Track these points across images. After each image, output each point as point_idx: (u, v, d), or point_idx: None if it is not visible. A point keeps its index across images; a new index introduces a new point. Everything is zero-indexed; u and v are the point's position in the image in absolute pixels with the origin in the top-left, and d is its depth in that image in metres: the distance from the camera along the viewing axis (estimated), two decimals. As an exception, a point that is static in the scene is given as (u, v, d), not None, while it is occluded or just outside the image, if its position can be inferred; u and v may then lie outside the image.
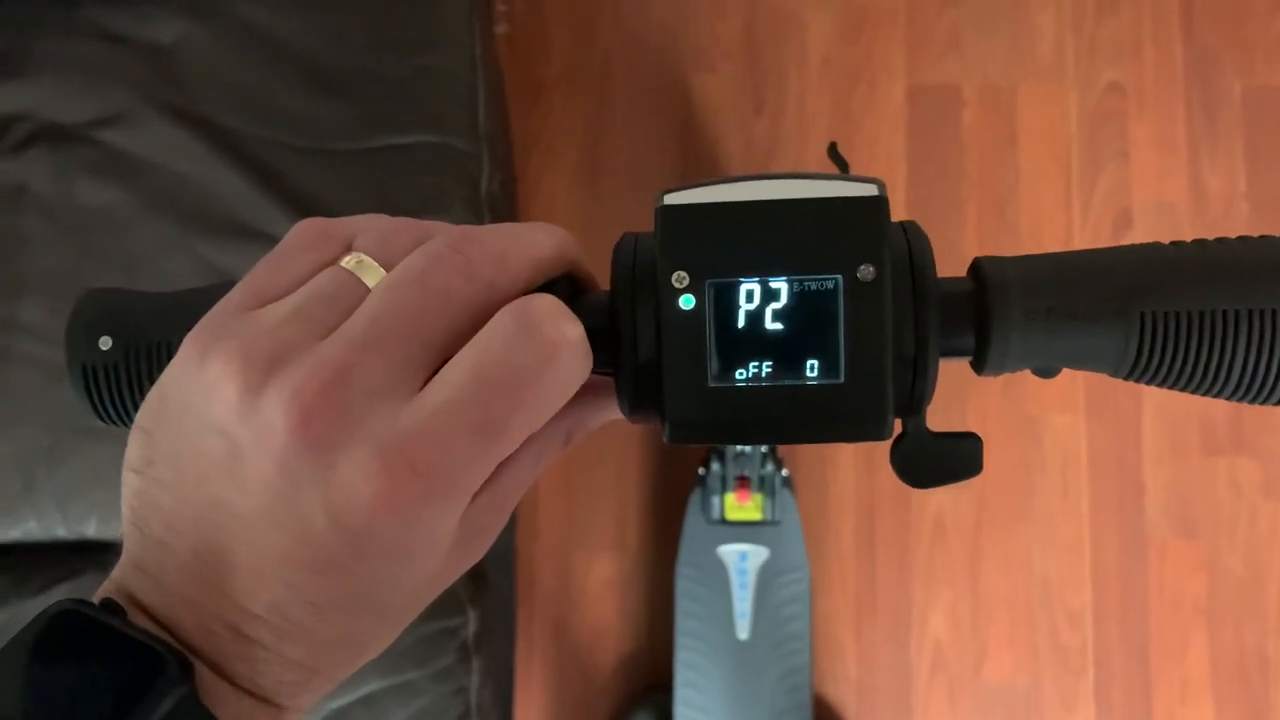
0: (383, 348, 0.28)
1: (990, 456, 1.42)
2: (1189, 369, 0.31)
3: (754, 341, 0.31)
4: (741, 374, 0.31)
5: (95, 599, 0.29)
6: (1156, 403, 1.42)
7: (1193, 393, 0.32)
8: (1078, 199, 1.46)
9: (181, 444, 0.29)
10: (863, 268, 0.30)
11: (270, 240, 0.95)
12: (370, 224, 0.32)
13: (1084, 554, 1.41)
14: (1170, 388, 0.32)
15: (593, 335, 0.32)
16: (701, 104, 1.50)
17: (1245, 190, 1.45)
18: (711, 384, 0.31)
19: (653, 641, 1.40)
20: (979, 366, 0.33)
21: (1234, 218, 1.45)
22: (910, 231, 0.32)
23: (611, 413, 0.38)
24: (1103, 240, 1.45)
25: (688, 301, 0.31)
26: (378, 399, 0.28)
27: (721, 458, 1.24)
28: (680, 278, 0.31)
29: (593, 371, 0.34)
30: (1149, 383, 0.33)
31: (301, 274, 0.31)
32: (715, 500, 1.24)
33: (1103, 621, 1.40)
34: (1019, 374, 0.33)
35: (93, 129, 0.98)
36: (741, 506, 1.24)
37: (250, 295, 0.30)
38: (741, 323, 0.31)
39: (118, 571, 0.30)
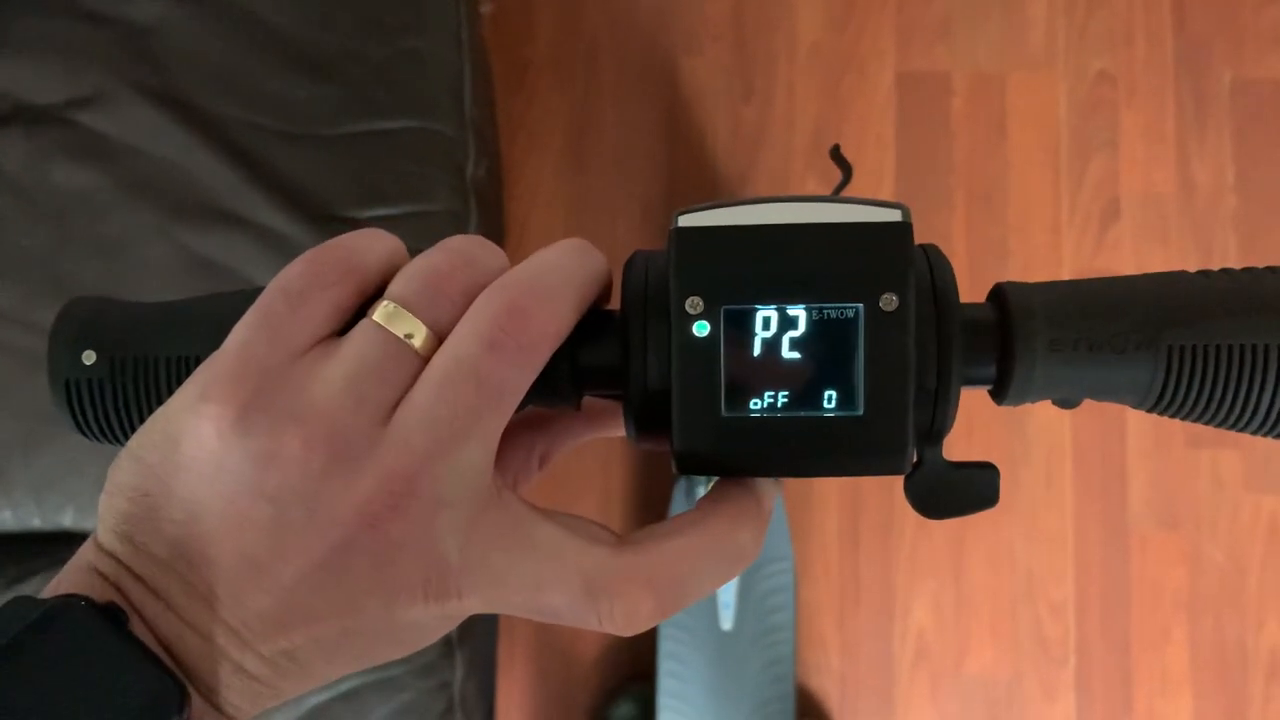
0: (443, 454, 0.28)
1: (975, 448, 1.42)
2: (1216, 404, 0.30)
3: (770, 371, 0.30)
4: (756, 404, 0.30)
5: (86, 592, 0.28)
6: (1141, 395, 1.42)
7: (1218, 427, 0.31)
8: (1066, 189, 1.46)
9: (206, 495, 0.28)
10: (885, 296, 0.29)
11: (251, 227, 0.94)
12: (412, 264, 0.31)
13: (1067, 545, 1.41)
14: (1195, 421, 0.31)
15: (601, 359, 0.31)
16: (689, 88, 1.48)
17: (1233, 182, 1.44)
18: (724, 414, 0.30)
19: (635, 631, 1.39)
20: (1000, 397, 0.32)
21: (1222, 210, 1.44)
22: (932, 256, 0.31)
23: (586, 435, 0.38)
24: (1090, 230, 1.45)
25: (701, 328, 0.29)
26: (443, 507, 0.28)
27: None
28: (694, 303, 0.29)
29: (596, 394, 0.33)
30: (1173, 415, 0.31)
31: (325, 315, 0.30)
32: (700, 490, 1.24)
33: (1084, 613, 1.40)
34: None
35: (69, 110, 0.95)
36: (727, 498, 1.23)
37: (270, 337, 0.29)
38: (757, 351, 0.29)
39: (106, 567, 0.29)
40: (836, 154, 0.40)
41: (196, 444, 0.28)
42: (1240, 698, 1.39)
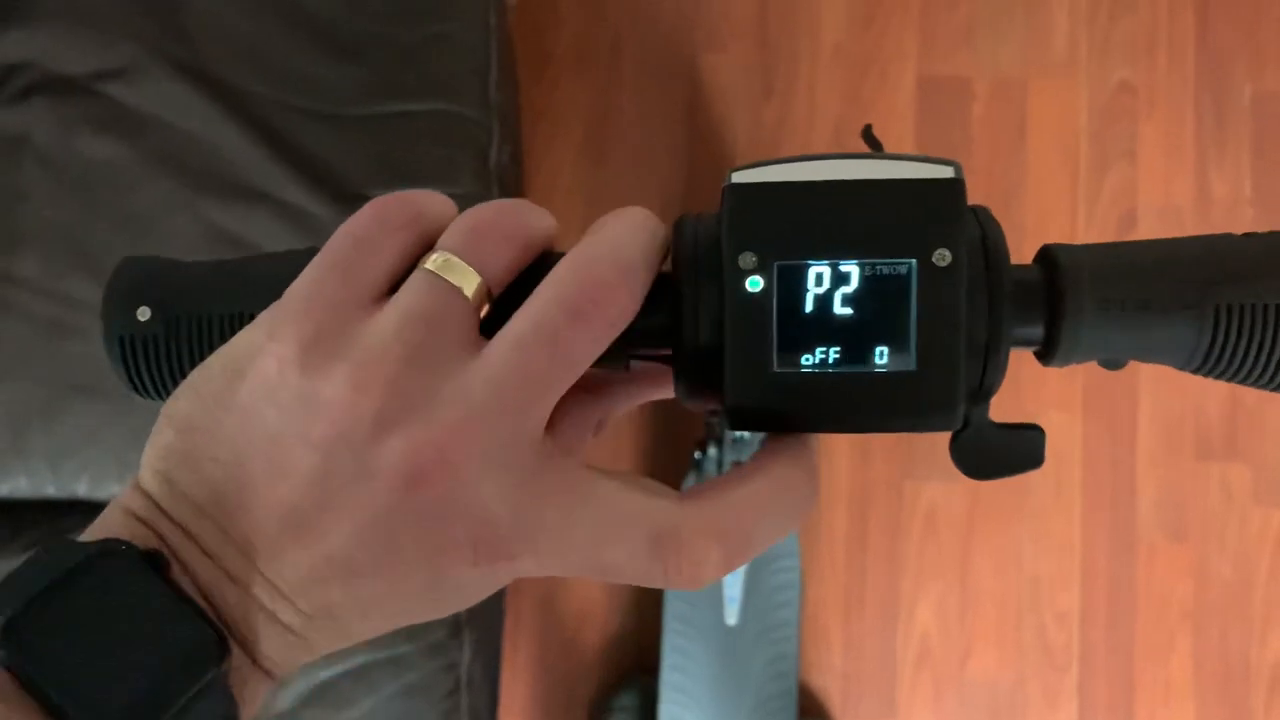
0: (502, 416, 0.28)
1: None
2: (1262, 363, 0.30)
3: (822, 326, 0.30)
4: (807, 360, 0.30)
5: (126, 536, 0.27)
6: (1152, 405, 1.42)
7: (1263, 388, 0.31)
8: (1084, 197, 1.46)
9: (253, 434, 0.28)
10: (938, 252, 0.29)
11: (275, 203, 0.94)
12: (460, 217, 0.31)
13: (1074, 553, 1.41)
14: (1239, 382, 0.32)
15: (652, 318, 0.31)
16: (710, 84, 1.49)
17: (1251, 196, 1.45)
18: (776, 369, 0.30)
19: (639, 623, 1.40)
20: (1047, 357, 0.32)
21: (1239, 222, 1.44)
22: (982, 216, 0.31)
23: (640, 397, 0.38)
24: (1107, 239, 1.44)
25: (754, 284, 0.29)
26: (495, 467, 0.28)
27: (719, 443, 1.23)
28: (747, 259, 0.29)
29: (643, 355, 0.33)
30: (1219, 376, 0.32)
31: (392, 260, 0.30)
32: (710, 484, 1.24)
33: (1089, 621, 1.40)
34: (1016, 368, 0.32)
35: (97, 81, 0.96)
36: (737, 492, 1.23)
37: (340, 278, 0.29)
38: (809, 306, 0.29)
39: (144, 511, 0.28)
40: (868, 134, 0.41)
41: (257, 378, 0.28)
42: (1242, 711, 1.39)
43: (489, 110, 1.02)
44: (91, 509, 0.97)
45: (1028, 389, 1.41)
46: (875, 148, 0.40)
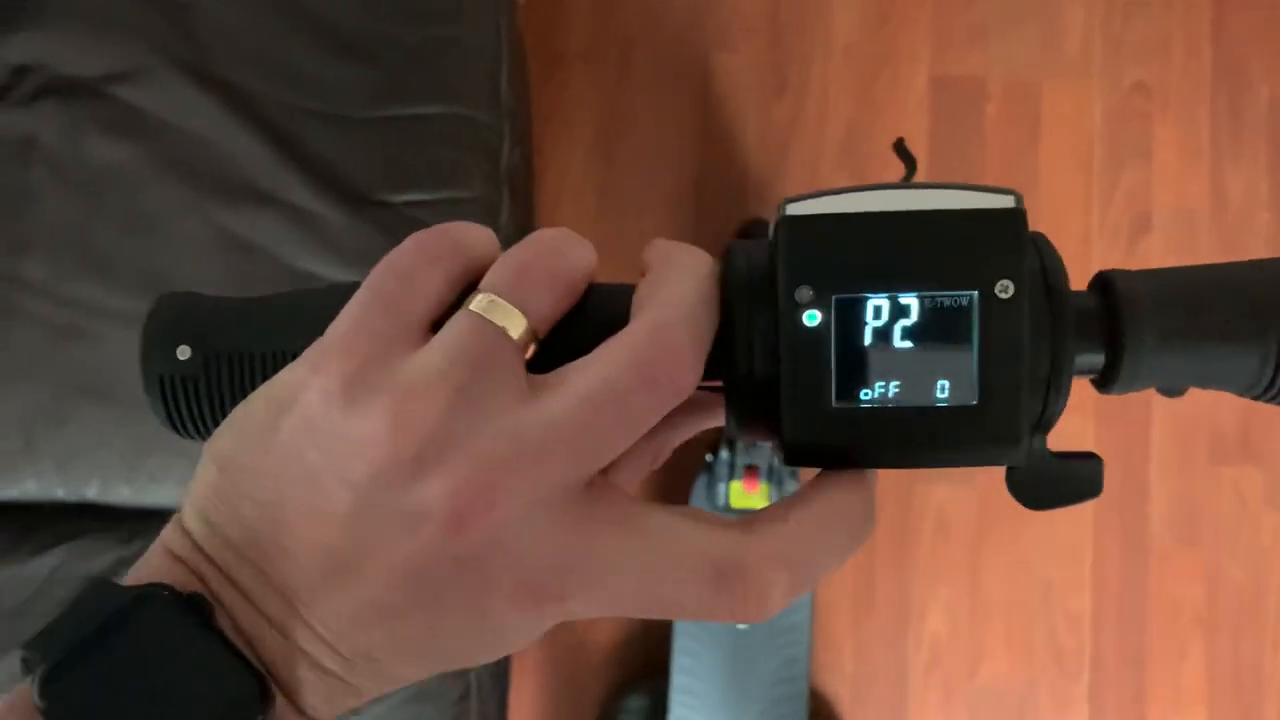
0: (555, 463, 0.27)
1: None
2: None
3: (881, 360, 0.29)
4: (866, 394, 0.29)
5: (168, 579, 0.27)
6: (1165, 410, 1.41)
7: None
8: (1097, 199, 1.45)
9: (293, 473, 0.27)
10: (1000, 283, 0.28)
11: (285, 206, 0.94)
12: (504, 256, 0.30)
13: (1085, 558, 1.40)
14: None
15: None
16: (722, 84, 1.48)
17: (1267, 200, 1.43)
18: (834, 405, 0.29)
19: (649, 625, 1.39)
20: (1106, 385, 0.32)
21: (1254, 227, 1.43)
22: (1041, 244, 0.31)
23: (699, 426, 0.37)
24: (1120, 241, 1.44)
25: (811, 318, 0.29)
26: (539, 509, 0.27)
27: (732, 446, 1.22)
28: (804, 293, 0.29)
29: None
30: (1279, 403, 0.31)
31: (435, 293, 0.29)
32: (721, 487, 1.23)
33: (1101, 626, 1.40)
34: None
35: (106, 84, 0.95)
36: (748, 495, 1.22)
37: (383, 311, 0.28)
38: (868, 340, 0.29)
39: (185, 552, 0.28)
40: (901, 147, 0.40)
41: (300, 414, 0.27)
42: (1255, 717, 1.38)
43: (499, 113, 1.01)
44: (100, 512, 0.97)
45: (1040, 393, 1.40)
46: (908, 161, 0.39)
